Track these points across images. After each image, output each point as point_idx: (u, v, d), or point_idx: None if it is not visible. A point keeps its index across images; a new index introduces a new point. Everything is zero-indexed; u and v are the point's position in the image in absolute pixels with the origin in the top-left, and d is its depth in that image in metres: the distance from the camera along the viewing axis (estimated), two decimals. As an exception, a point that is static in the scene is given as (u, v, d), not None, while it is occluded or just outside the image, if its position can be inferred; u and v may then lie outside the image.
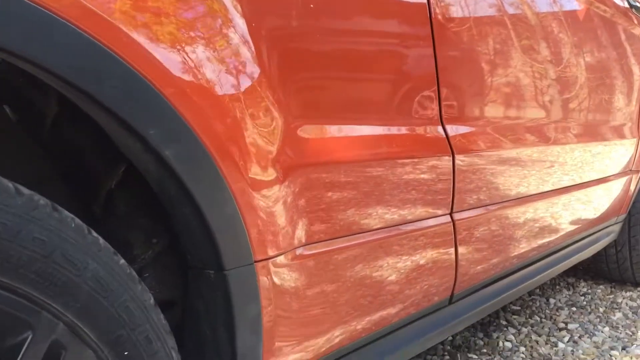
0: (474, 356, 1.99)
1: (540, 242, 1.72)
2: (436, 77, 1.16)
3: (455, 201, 1.25)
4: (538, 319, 2.34)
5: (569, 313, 2.41)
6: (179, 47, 0.70)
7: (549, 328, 2.25)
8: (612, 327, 2.27)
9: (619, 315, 2.39)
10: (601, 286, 2.74)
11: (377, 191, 1.06)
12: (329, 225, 0.97)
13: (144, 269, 0.88)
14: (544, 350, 2.06)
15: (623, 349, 2.07)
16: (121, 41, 0.63)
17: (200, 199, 0.73)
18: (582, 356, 2.01)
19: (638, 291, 2.67)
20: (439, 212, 1.22)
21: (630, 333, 2.21)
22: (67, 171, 0.86)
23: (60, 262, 0.62)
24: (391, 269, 1.13)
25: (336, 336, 1.04)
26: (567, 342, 2.13)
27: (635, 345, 2.10)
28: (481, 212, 1.35)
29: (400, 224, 1.11)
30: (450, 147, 1.21)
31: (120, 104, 0.64)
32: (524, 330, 2.22)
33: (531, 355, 2.02)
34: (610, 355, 2.02)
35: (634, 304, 2.52)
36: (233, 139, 0.77)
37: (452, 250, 1.28)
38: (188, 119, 0.70)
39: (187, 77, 0.70)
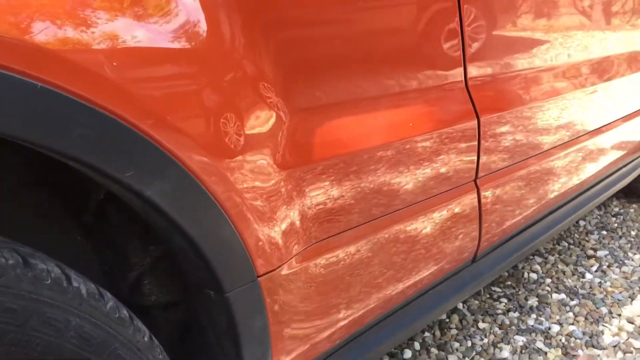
0: (498, 289, 1.97)
1: (571, 184, 1.63)
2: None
3: (480, 165, 1.15)
4: (566, 244, 2.29)
5: (599, 238, 2.35)
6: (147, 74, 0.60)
7: (577, 256, 2.20)
8: (643, 253, 2.21)
9: (651, 239, 2.32)
10: (634, 205, 2.65)
11: (392, 172, 0.97)
12: (336, 221, 0.90)
13: (143, 276, 0.84)
14: (570, 282, 2.02)
15: (653, 279, 2.03)
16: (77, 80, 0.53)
17: (192, 230, 0.67)
18: (609, 288, 1.97)
19: (674, 211, 2.58)
20: (464, 178, 1.13)
21: (662, 261, 2.16)
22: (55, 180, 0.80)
23: (37, 327, 0.57)
24: (412, 242, 1.07)
25: (352, 313, 1.00)
26: (595, 272, 2.08)
27: (666, 275, 2.05)
28: (506, 171, 1.25)
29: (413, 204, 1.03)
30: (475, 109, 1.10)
31: (87, 150, 0.56)
32: (551, 258, 2.18)
33: (557, 287, 1.99)
34: (639, 287, 1.98)
35: (668, 226, 2.44)
36: (221, 157, 0.69)
37: (477, 213, 1.21)
38: (170, 149, 0.62)
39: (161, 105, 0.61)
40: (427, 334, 1.71)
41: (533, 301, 1.91)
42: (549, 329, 1.76)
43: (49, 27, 0.52)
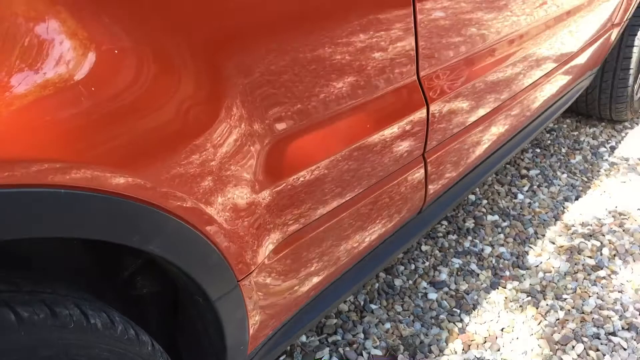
0: (440, 211, 2.17)
1: (517, 122, 1.78)
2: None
3: (427, 141, 1.28)
4: (503, 164, 2.49)
5: (532, 156, 2.55)
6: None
7: (512, 175, 2.42)
8: (570, 172, 2.44)
9: (578, 158, 2.54)
10: (567, 120, 2.86)
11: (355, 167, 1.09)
12: (303, 214, 1.03)
13: (135, 274, 0.96)
14: (503, 203, 2.24)
15: (576, 199, 2.26)
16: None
17: (187, 266, 0.79)
18: (537, 209, 2.21)
19: (601, 126, 2.79)
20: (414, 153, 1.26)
21: (586, 179, 2.39)
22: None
23: (67, 364, 0.70)
24: (370, 212, 1.21)
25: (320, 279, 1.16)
26: (526, 192, 2.31)
27: (587, 195, 2.29)
28: (449, 141, 1.39)
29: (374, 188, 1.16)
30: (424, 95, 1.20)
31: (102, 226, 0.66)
32: (489, 179, 2.38)
33: (492, 209, 2.21)
34: (563, 207, 2.21)
35: (595, 143, 2.66)
36: (211, 205, 0.79)
37: (424, 181, 1.35)
38: (187, 219, 0.73)
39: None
40: (375, 258, 1.92)
41: (470, 223, 2.13)
42: (482, 250, 1.99)
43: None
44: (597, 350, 1.62)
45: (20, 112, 0.55)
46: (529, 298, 1.79)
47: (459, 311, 1.74)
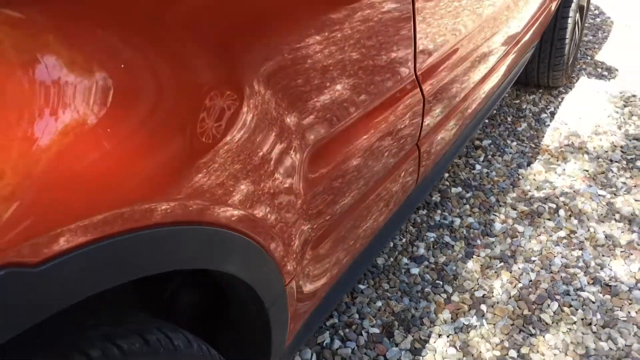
0: (407, 188, 2.26)
1: (484, 101, 1.88)
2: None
3: (422, 130, 1.35)
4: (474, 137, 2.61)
5: (482, 127, 2.69)
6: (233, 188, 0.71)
7: (467, 147, 2.54)
8: (519, 140, 2.59)
9: (524, 125, 2.70)
10: (508, 89, 3.01)
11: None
12: (332, 211, 1.08)
13: (179, 288, 0.98)
14: (464, 174, 2.36)
15: (528, 165, 2.42)
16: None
17: (252, 280, 0.82)
18: (495, 178, 2.34)
19: (539, 93, 2.97)
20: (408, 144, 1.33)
21: (534, 145, 2.55)
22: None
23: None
24: (379, 198, 1.27)
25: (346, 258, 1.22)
26: (482, 162, 2.44)
27: (537, 160, 2.44)
28: (439, 126, 1.46)
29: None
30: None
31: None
32: (446, 152, 2.49)
33: (454, 181, 2.32)
34: (518, 174, 2.36)
35: (536, 109, 2.83)
36: (269, 217, 0.83)
37: (417, 165, 1.43)
38: (253, 237, 0.76)
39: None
40: (355, 239, 1.99)
41: (436, 197, 2.23)
42: (452, 222, 2.10)
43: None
44: (570, 306, 1.77)
45: (142, 160, 0.57)
46: (502, 263, 1.92)
47: (441, 283, 1.85)
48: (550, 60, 2.67)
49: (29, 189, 0.48)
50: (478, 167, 2.41)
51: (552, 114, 2.79)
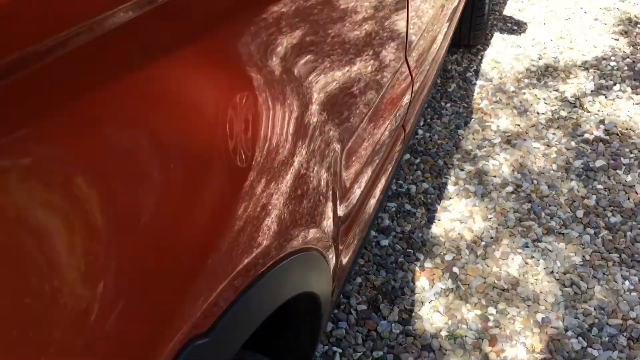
0: (358, 160, 2.28)
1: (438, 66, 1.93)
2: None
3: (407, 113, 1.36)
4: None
5: (416, 91, 2.75)
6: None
7: (405, 113, 2.59)
8: (452, 101, 2.67)
9: (453, 86, 2.79)
10: (431, 51, 3.08)
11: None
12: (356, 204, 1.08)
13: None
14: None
15: (465, 124, 2.51)
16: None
17: (315, 286, 0.81)
18: (438, 141, 2.42)
19: (460, 53, 3.06)
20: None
21: (466, 105, 2.64)
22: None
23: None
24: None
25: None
26: (423, 126, 2.50)
27: (472, 120, 2.54)
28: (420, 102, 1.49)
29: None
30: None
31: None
32: (387, 120, 2.53)
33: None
34: (458, 135, 2.45)
35: (461, 69, 2.92)
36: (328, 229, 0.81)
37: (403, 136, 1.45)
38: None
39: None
40: (320, 218, 1.99)
41: (388, 166, 2.27)
42: (409, 190, 2.15)
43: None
44: (532, 257, 1.89)
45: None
46: (462, 225, 2.00)
47: (412, 251, 1.90)
48: (472, 20, 2.76)
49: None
50: (420, 131, 2.47)
51: (476, 72, 2.89)
